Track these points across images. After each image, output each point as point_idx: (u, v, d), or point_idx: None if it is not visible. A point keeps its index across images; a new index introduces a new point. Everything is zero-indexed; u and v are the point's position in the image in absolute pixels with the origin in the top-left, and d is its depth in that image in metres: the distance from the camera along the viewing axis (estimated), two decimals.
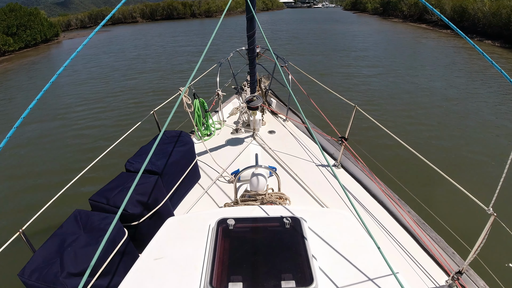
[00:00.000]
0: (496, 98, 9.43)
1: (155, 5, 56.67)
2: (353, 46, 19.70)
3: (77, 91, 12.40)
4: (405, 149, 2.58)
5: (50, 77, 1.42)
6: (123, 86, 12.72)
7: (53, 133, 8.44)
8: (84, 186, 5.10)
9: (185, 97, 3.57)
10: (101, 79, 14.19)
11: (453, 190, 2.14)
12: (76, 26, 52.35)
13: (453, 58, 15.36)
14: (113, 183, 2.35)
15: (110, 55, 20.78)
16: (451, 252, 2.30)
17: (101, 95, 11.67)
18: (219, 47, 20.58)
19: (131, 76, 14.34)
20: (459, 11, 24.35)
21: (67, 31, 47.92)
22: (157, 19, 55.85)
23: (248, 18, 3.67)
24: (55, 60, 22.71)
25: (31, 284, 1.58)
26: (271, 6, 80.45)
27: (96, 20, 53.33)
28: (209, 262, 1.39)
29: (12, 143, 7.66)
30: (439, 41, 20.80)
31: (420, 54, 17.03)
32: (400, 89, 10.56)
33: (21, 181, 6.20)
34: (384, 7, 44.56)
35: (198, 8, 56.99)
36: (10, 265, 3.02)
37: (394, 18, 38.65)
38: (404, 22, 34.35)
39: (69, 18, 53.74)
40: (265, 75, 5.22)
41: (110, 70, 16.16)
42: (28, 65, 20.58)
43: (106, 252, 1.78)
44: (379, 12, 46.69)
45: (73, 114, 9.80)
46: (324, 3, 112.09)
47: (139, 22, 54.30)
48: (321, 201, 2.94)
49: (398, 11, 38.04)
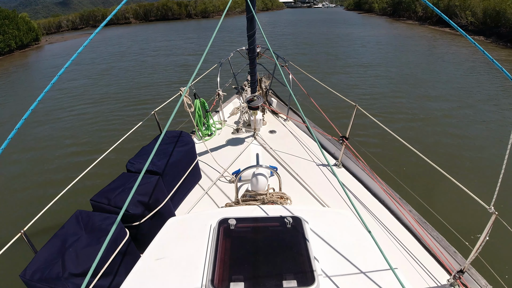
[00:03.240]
0: (497, 95, 9.42)
1: (149, 5, 54.84)
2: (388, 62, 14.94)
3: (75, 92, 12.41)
4: (406, 148, 2.57)
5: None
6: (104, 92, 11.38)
7: (53, 133, 8.46)
8: (85, 186, 5.10)
9: (186, 97, 3.57)
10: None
11: (454, 189, 2.14)
12: (67, 27, 50.21)
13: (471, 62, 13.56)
14: (114, 184, 2.35)
15: (74, 69, 16.65)
16: (452, 251, 2.29)
17: (98, 96, 11.67)
18: (219, 54, 17.11)
19: (65, 109, 10.24)
20: (492, 15, 21.02)
21: (55, 33, 45.64)
22: (151, 20, 54.09)
23: (248, 18, 3.67)
24: (31, 69, 19.41)
25: (33, 284, 1.58)
26: (271, 6, 79.76)
27: (88, 21, 51.39)
28: (210, 262, 1.39)
29: (12, 143, 7.66)
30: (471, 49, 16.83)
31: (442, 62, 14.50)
32: (401, 89, 10.55)
33: (22, 182, 6.22)
34: (394, 8, 41.37)
35: (194, 8, 55.29)
36: (12, 266, 3.04)
37: (408, 20, 35.03)
38: (421, 25, 30.37)
39: (59, 19, 51.70)
40: (266, 75, 5.22)
41: (57, 93, 12.10)
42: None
43: (107, 253, 1.78)
44: (388, 13, 43.63)
45: (73, 115, 9.82)
46: (324, 3, 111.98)
47: (133, 23, 52.51)
48: (322, 201, 2.94)
49: (411, 12, 34.96)
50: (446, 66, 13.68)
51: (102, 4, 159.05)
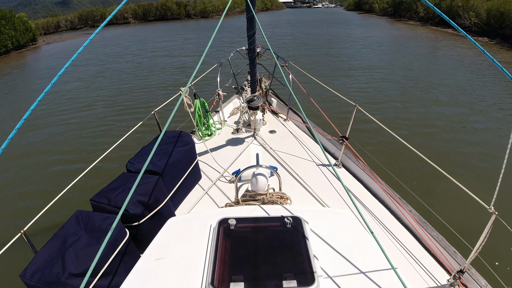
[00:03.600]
0: (498, 95, 9.42)
1: (147, 5, 54.20)
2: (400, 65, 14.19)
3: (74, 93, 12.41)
4: (406, 148, 2.57)
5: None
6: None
7: (53, 134, 8.46)
8: (85, 186, 5.10)
9: (186, 97, 3.57)
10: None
11: (454, 189, 2.14)
12: (66, 27, 49.62)
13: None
14: (114, 184, 2.35)
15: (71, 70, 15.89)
16: (452, 251, 2.29)
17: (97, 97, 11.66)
18: (218, 55, 16.33)
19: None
20: (496, 16, 20.54)
21: (53, 33, 45.07)
22: (150, 20, 53.52)
23: (248, 18, 3.67)
24: (28, 70, 19.05)
25: (33, 284, 1.58)
26: (271, 6, 79.40)
27: (86, 21, 50.74)
28: (210, 262, 1.39)
29: (12, 143, 7.67)
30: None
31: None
32: (401, 90, 10.54)
33: (22, 181, 6.22)
34: (395, 8, 40.68)
35: (193, 8, 54.80)
36: (11, 266, 3.03)
37: (409, 21, 34.44)
38: (423, 26, 29.78)
39: (58, 19, 51.17)
40: (266, 75, 5.21)
41: (56, 95, 11.53)
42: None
43: (107, 253, 1.78)
44: (388, 13, 43.06)
45: (75, 117, 9.82)
46: (324, 3, 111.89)
47: (131, 23, 51.94)
48: (322, 201, 2.94)
49: (412, 13, 34.32)
50: (450, 68, 13.46)
51: (101, 4, 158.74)
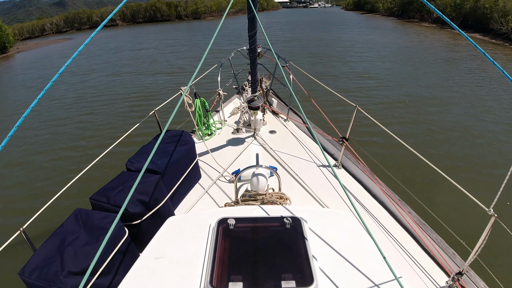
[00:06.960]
0: (498, 98, 9.41)
1: (136, 6, 51.98)
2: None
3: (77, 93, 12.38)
4: (406, 150, 2.58)
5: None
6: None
7: (53, 133, 8.46)
8: (84, 185, 5.10)
9: (186, 96, 3.57)
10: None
11: (454, 190, 2.14)
12: (52, 31, 47.82)
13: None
14: (113, 182, 2.35)
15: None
16: (451, 253, 2.29)
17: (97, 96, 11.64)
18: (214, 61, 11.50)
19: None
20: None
21: (38, 37, 42.34)
22: (139, 21, 51.34)
23: (250, 18, 3.67)
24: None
25: (32, 282, 1.58)
26: (266, 6, 78.03)
27: (72, 23, 48.71)
28: (209, 261, 1.39)
29: (12, 143, 7.67)
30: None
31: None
32: (402, 90, 10.53)
33: (22, 180, 6.22)
34: (403, 8, 37.62)
35: (184, 9, 52.49)
36: (10, 264, 3.03)
37: (422, 22, 31.38)
38: (442, 28, 26.73)
39: (43, 22, 49.14)
40: (266, 75, 5.21)
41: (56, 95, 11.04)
42: None
43: (106, 251, 1.78)
44: (395, 14, 40.24)
45: (73, 115, 9.81)
46: (320, 3, 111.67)
47: (119, 25, 49.60)
48: (321, 201, 2.94)
49: (424, 13, 31.66)
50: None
51: (96, 5, 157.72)
